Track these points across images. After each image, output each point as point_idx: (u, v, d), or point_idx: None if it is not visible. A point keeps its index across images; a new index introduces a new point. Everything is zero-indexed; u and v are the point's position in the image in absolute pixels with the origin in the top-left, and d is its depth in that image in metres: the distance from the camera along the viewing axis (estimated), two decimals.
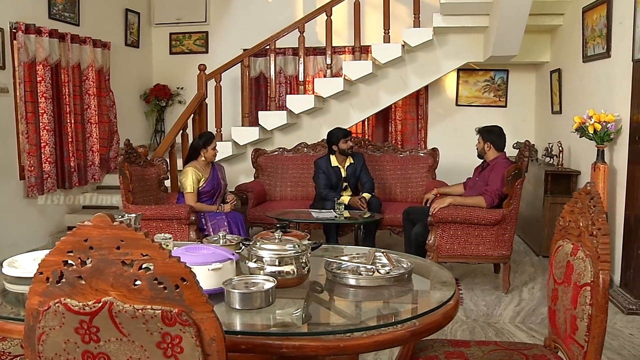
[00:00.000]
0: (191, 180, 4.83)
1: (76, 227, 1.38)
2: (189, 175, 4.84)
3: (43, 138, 5.61)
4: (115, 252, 1.36)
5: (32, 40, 5.43)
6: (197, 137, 5.18)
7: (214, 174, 4.98)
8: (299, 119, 6.52)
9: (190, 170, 4.85)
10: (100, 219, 1.36)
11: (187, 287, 1.35)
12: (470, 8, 5.77)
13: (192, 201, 4.85)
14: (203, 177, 4.89)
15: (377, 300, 2.04)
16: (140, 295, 1.36)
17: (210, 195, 4.95)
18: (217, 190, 4.99)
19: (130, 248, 1.35)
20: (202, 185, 4.89)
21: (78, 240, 1.37)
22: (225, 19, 7.69)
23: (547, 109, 6.40)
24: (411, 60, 6.33)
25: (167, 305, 1.35)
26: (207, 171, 4.95)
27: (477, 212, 4.35)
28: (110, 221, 1.36)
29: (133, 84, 7.40)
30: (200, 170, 4.89)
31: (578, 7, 5.35)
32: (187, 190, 4.85)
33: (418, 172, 5.97)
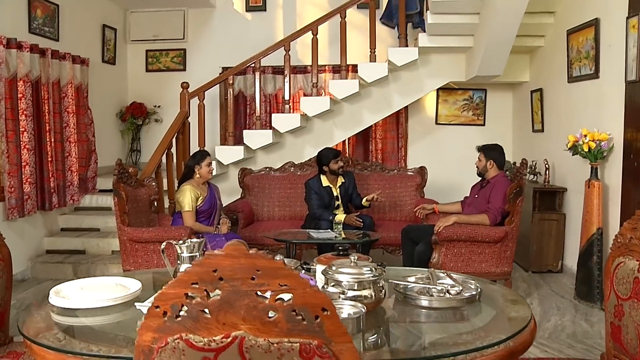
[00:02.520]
0: (189, 199, 4.70)
1: (204, 256, 1.31)
2: (187, 193, 4.70)
3: (23, 157, 5.37)
4: (249, 282, 1.28)
5: (13, 55, 5.21)
6: (191, 156, 5.06)
7: (210, 192, 4.87)
8: (282, 138, 6.47)
9: (188, 188, 4.71)
10: (234, 248, 1.29)
11: (328, 318, 1.29)
12: (456, 29, 5.89)
13: (191, 220, 4.71)
14: (201, 196, 4.77)
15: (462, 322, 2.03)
16: (276, 328, 1.29)
17: (207, 215, 4.83)
18: (214, 209, 4.87)
19: (267, 278, 1.28)
20: (200, 204, 4.76)
21: (206, 271, 1.29)
22: (203, 36, 7.59)
23: (527, 128, 6.57)
24: (395, 79, 6.39)
25: (306, 338, 1.28)
26: (204, 190, 4.83)
27: (481, 230, 4.40)
28: (246, 250, 1.29)
29: (109, 101, 7.20)
30: (198, 189, 4.76)
31: (561, 29, 5.54)
32: (186, 209, 4.70)
33: (406, 190, 6.00)
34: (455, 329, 2.00)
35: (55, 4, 5.98)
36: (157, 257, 4.56)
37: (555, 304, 4.66)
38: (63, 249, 5.81)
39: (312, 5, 7.45)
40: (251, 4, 7.49)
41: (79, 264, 5.55)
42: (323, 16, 6.31)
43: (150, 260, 4.56)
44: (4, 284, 2.49)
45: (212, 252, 1.30)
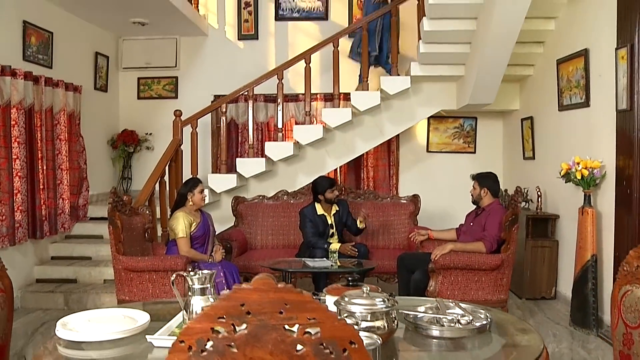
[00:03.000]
0: (183, 225, 4.66)
1: (232, 290, 1.30)
2: (181, 220, 4.67)
3: (15, 185, 5.32)
4: (277, 316, 1.28)
5: (7, 83, 5.19)
6: (183, 184, 5.04)
7: (204, 219, 4.83)
8: (274, 166, 6.47)
9: (182, 215, 4.68)
10: (262, 282, 1.29)
11: (356, 351, 1.29)
12: (447, 58, 5.98)
13: (186, 246, 4.66)
14: (195, 222, 4.74)
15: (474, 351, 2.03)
16: None
17: (201, 242, 4.78)
18: (207, 236, 4.83)
19: (295, 312, 1.28)
20: (194, 230, 4.72)
21: (233, 305, 1.28)
22: (195, 64, 7.64)
23: (518, 155, 6.65)
24: (387, 107, 6.45)
25: None
26: (197, 216, 4.79)
27: (477, 258, 4.41)
28: (274, 284, 1.29)
29: (100, 129, 7.18)
30: (190, 215, 4.74)
31: (550, 59, 5.65)
32: (180, 235, 4.66)
33: (399, 218, 6.02)
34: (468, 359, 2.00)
35: (50, 32, 5.99)
36: (152, 286, 4.51)
37: (552, 331, 4.67)
38: (54, 278, 5.73)
39: (304, 34, 7.54)
40: (243, 32, 7.56)
41: (71, 293, 5.47)
42: (316, 45, 6.38)
43: (146, 290, 4.51)
44: (5, 315, 2.44)
45: (239, 286, 1.29)
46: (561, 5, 5.42)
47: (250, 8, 7.53)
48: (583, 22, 5.05)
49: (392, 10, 6.28)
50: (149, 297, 4.52)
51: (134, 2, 6.13)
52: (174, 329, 2.13)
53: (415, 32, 6.60)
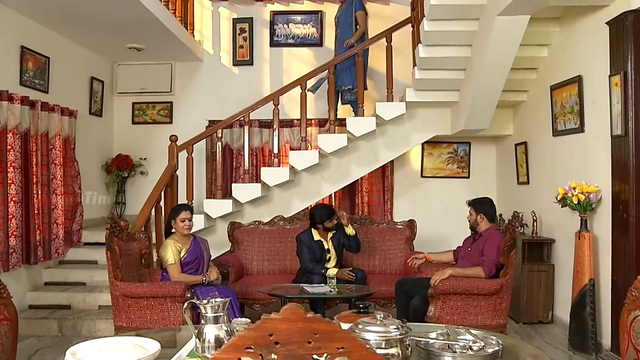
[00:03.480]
0: (171, 252, 4.64)
1: (261, 320, 1.30)
2: (169, 248, 4.66)
3: (10, 210, 5.28)
4: (306, 346, 1.28)
5: (4, 107, 5.19)
6: (171, 209, 5.03)
7: (195, 244, 4.80)
8: (269, 191, 6.47)
9: (170, 242, 4.68)
10: (291, 312, 1.29)
11: None
12: (442, 84, 6.06)
13: (176, 273, 4.63)
14: (184, 248, 4.71)
15: None
16: None
17: (194, 267, 4.75)
18: (200, 261, 4.79)
19: (324, 341, 1.29)
20: (184, 256, 4.70)
21: (262, 336, 1.29)
22: (190, 89, 7.67)
23: (512, 180, 6.70)
24: (382, 133, 6.48)
25: None
26: (187, 243, 4.77)
27: (477, 283, 4.42)
28: (303, 313, 1.29)
29: (95, 153, 7.16)
30: (179, 242, 4.71)
31: (544, 85, 5.74)
32: (169, 262, 4.63)
33: (396, 243, 6.03)
34: None
35: (46, 57, 6.00)
36: (150, 312, 4.46)
37: (551, 356, 4.67)
38: (47, 304, 5.66)
39: (298, 60, 7.61)
40: (238, 58, 7.62)
41: (65, 319, 5.39)
42: (312, 71, 6.45)
43: (144, 316, 4.46)
44: (9, 344, 2.41)
45: (269, 316, 1.29)
46: (554, 33, 5.53)
47: (245, 34, 7.61)
48: (576, 49, 5.14)
49: (387, 37, 6.35)
50: (146, 323, 4.47)
51: (131, 27, 6.17)
52: (184, 357, 2.11)
53: (407, 57, 6.73)
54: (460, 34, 5.46)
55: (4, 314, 2.39)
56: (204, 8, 7.71)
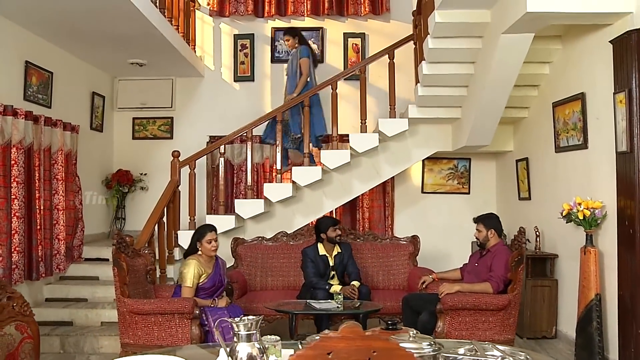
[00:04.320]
0: (192, 274, 4.55)
1: (319, 339, 1.30)
2: (191, 268, 4.56)
3: (13, 226, 5.23)
4: None
5: (8, 122, 5.17)
6: (195, 231, 4.94)
7: (216, 269, 4.72)
8: (271, 207, 6.47)
9: (194, 264, 4.58)
10: (350, 330, 1.30)
11: None
12: (445, 101, 6.11)
13: (188, 295, 4.57)
14: (205, 273, 4.63)
15: None
16: None
17: (209, 293, 4.66)
18: (218, 288, 4.72)
19: (382, 359, 1.29)
20: (203, 281, 4.63)
21: (320, 354, 1.29)
22: (191, 105, 7.68)
23: (513, 196, 6.75)
24: (384, 149, 6.52)
25: None
26: (209, 267, 4.69)
27: (485, 298, 4.43)
28: (362, 332, 1.30)
29: (95, 168, 7.13)
30: (203, 265, 4.63)
31: (546, 102, 5.81)
32: (186, 284, 4.54)
33: (399, 259, 6.03)
34: None
35: (50, 72, 6.00)
36: (157, 329, 4.43)
37: None
38: (49, 321, 5.58)
39: None
40: (239, 74, 7.65)
41: (67, 336, 5.33)
42: (315, 87, 6.47)
43: (151, 333, 4.43)
44: None
45: (327, 334, 1.30)
46: (555, 51, 5.60)
47: (246, 50, 7.64)
48: (578, 66, 5.21)
49: (389, 54, 6.41)
50: (154, 340, 4.44)
51: (134, 43, 6.18)
52: None
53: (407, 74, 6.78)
54: (464, 51, 5.52)
55: (27, 332, 2.38)
56: (205, 24, 7.74)
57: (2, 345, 2.16)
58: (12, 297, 2.32)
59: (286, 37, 6.92)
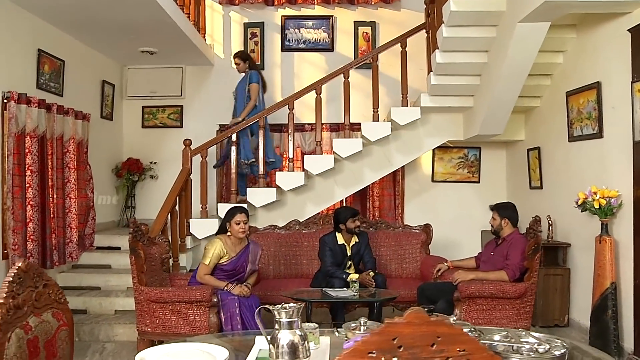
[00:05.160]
0: (212, 253, 4.59)
1: (385, 325, 1.31)
2: (214, 247, 4.60)
3: (28, 214, 5.24)
4: (428, 349, 1.30)
5: (22, 111, 5.16)
6: (226, 211, 4.92)
7: (241, 255, 4.70)
8: (283, 195, 6.47)
9: (217, 243, 4.62)
10: (415, 315, 1.30)
11: None
12: (457, 89, 6.10)
13: (203, 272, 4.59)
14: (227, 255, 4.65)
15: None
16: None
17: (228, 276, 4.68)
18: (239, 273, 4.72)
19: (446, 344, 1.30)
20: (225, 263, 4.65)
21: (385, 340, 1.29)
22: (201, 93, 7.66)
23: (524, 185, 6.75)
24: (395, 138, 6.52)
25: None
26: (235, 250, 4.69)
27: (502, 286, 4.45)
28: (427, 317, 1.30)
29: (105, 157, 7.12)
30: (228, 247, 4.65)
31: (559, 91, 5.79)
32: (204, 261, 4.59)
33: (412, 247, 6.05)
34: None
35: (61, 60, 5.98)
36: (175, 317, 4.45)
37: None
38: None
39: (310, 65, 7.63)
40: None
41: (82, 324, 5.34)
42: (327, 76, 6.45)
43: (169, 321, 4.45)
44: (68, 350, 2.39)
45: (392, 321, 1.30)
46: (570, 40, 5.58)
47: (256, 38, 7.61)
48: (594, 55, 5.20)
49: (401, 42, 6.38)
50: (172, 328, 4.46)
51: (146, 31, 6.15)
52: None
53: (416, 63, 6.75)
54: (478, 40, 5.50)
55: (63, 319, 2.37)
56: (214, 12, 7.71)
57: (41, 332, 2.16)
58: (48, 284, 2.31)
59: (236, 61, 6.80)
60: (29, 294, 2.17)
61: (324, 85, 6.75)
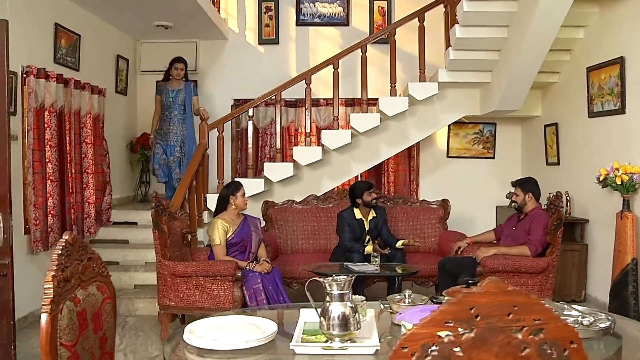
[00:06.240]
0: (218, 232, 4.64)
1: (462, 295, 1.31)
2: (216, 227, 4.65)
3: (48, 189, 5.24)
4: (505, 319, 1.30)
5: (41, 85, 5.13)
6: (224, 187, 5.00)
7: (243, 225, 4.77)
8: (299, 170, 6.47)
9: (218, 222, 4.67)
10: (494, 285, 1.30)
11: (575, 351, 1.32)
12: (476, 65, 6.06)
13: (221, 253, 4.64)
14: (231, 229, 4.69)
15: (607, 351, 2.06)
16: None
17: (240, 249, 4.72)
18: (247, 243, 4.76)
19: (523, 314, 1.30)
20: (231, 237, 4.68)
21: (462, 309, 1.30)
22: (215, 68, 7.61)
23: (540, 161, 6.74)
24: (412, 113, 6.49)
25: None
26: (236, 222, 4.75)
27: (525, 261, 4.48)
28: (505, 287, 1.31)
29: (120, 132, 7.10)
30: (228, 222, 4.70)
31: (579, 66, 5.75)
32: (215, 243, 4.64)
33: (429, 222, 6.06)
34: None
35: (77, 34, 5.92)
36: (199, 291, 4.48)
37: None
38: None
39: (325, 39, 7.56)
40: (264, 36, 7.56)
41: None
42: (344, 50, 6.40)
43: (192, 295, 4.48)
44: (112, 323, 2.41)
45: (470, 290, 1.31)
46: (592, 14, 5.53)
47: (271, 12, 7.54)
48: (617, 30, 5.14)
49: (419, 17, 6.32)
50: (195, 302, 4.50)
51: (160, 4, 6.09)
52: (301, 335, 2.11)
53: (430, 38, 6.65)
54: (499, 14, 5.45)
55: (106, 292, 2.39)
56: None
57: (89, 305, 2.18)
58: (92, 257, 2.33)
59: (181, 67, 6.64)
60: (75, 267, 2.18)
61: (340, 61, 6.72)
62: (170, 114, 6.60)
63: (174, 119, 6.60)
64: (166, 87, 6.67)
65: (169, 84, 6.66)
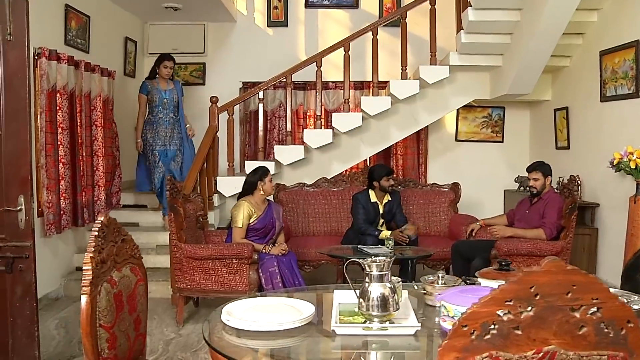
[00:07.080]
0: (242, 215, 4.65)
1: (523, 274, 1.32)
2: (242, 209, 4.66)
3: (60, 172, 5.23)
4: (564, 298, 1.31)
5: (53, 67, 5.10)
6: (252, 172, 4.94)
7: (267, 212, 4.80)
8: (309, 153, 6.46)
9: (244, 205, 4.67)
10: (553, 264, 1.31)
11: (632, 330, 1.33)
12: (487, 48, 6.03)
13: (239, 236, 4.66)
14: (255, 214, 4.71)
15: None
16: (585, 342, 1.32)
17: (261, 235, 4.75)
18: (269, 230, 4.79)
19: (581, 293, 1.31)
20: (254, 222, 4.70)
21: (523, 288, 1.31)
22: (223, 50, 7.57)
23: (549, 145, 6.74)
24: (422, 96, 6.47)
25: (611, 350, 1.32)
26: (261, 208, 4.77)
27: (539, 245, 4.50)
28: (565, 266, 1.32)
29: (128, 114, 7.06)
30: (254, 206, 4.71)
31: (591, 50, 5.74)
32: (237, 225, 4.66)
33: (440, 206, 6.08)
34: None
35: (87, 16, 5.88)
36: (215, 274, 4.50)
37: None
38: None
39: (334, 22, 7.52)
40: (273, 19, 7.51)
41: None
42: (355, 33, 6.37)
43: (208, 278, 4.50)
44: (145, 306, 2.43)
45: (530, 269, 1.32)
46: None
47: None
48: (633, 13, 5.12)
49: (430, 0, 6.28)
50: (211, 285, 4.52)
51: None
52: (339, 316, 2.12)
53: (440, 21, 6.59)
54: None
55: (139, 274, 2.41)
56: None
57: (124, 287, 2.19)
58: (126, 239, 2.34)
59: (171, 65, 6.25)
60: (110, 249, 2.20)
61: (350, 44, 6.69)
62: (166, 116, 6.17)
63: (170, 121, 6.19)
64: (155, 87, 6.20)
65: (158, 83, 6.22)
